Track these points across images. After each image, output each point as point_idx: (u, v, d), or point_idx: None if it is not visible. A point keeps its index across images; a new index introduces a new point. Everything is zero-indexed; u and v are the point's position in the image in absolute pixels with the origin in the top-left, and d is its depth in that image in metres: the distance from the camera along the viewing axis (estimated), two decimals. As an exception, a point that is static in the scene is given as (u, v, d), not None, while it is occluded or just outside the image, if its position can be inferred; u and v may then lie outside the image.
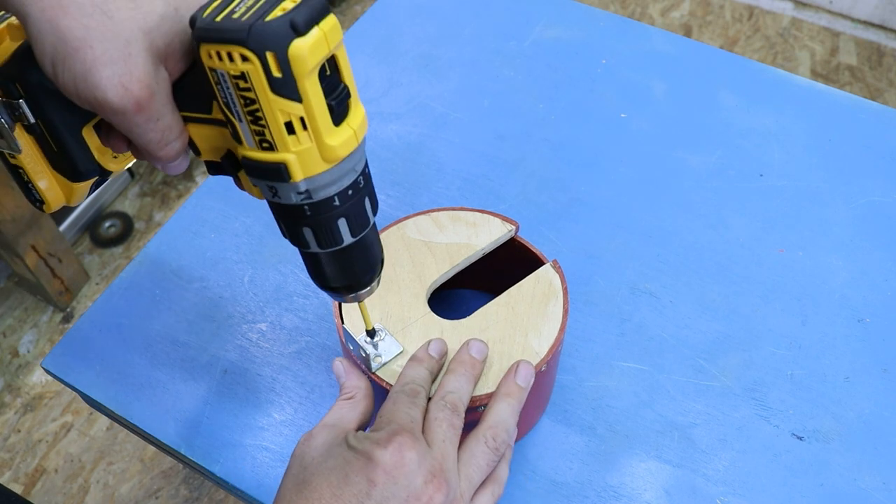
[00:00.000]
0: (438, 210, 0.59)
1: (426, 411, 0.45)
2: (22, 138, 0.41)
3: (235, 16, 0.32)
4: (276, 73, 0.33)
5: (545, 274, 0.55)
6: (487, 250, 0.57)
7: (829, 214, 0.72)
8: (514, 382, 0.48)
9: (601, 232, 0.70)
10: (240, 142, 0.36)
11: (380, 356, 0.50)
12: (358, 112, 0.37)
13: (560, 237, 0.70)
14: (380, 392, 0.49)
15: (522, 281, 0.55)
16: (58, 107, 0.40)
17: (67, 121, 0.41)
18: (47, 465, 1.32)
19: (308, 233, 0.39)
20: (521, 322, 0.53)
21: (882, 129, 0.79)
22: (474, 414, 0.49)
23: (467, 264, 0.57)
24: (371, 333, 0.50)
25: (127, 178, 1.64)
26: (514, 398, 0.48)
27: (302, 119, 0.34)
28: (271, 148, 0.35)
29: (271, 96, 0.33)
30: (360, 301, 0.45)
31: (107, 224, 1.59)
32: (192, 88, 0.37)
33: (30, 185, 0.44)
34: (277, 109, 0.34)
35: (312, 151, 0.35)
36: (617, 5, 2.09)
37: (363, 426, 0.46)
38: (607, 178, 0.75)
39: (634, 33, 0.88)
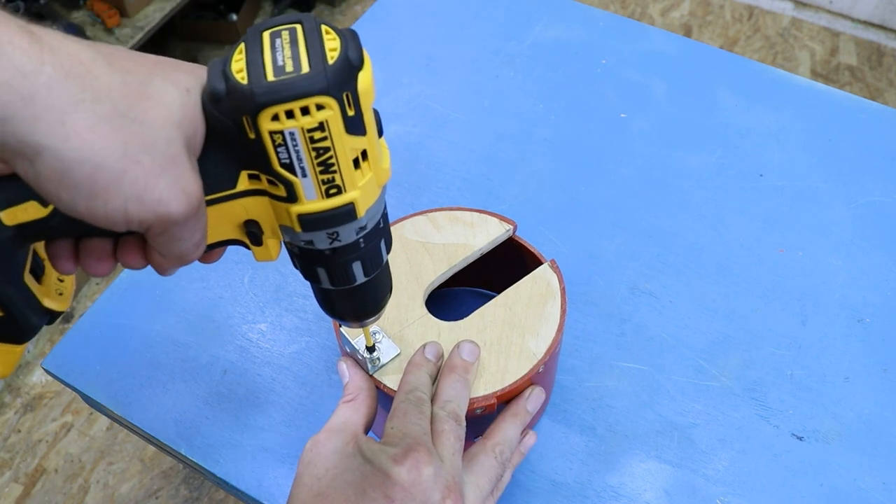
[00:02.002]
0: (436, 210, 0.59)
1: (431, 421, 0.45)
2: None
3: (289, 69, 0.31)
4: (350, 112, 0.32)
5: (543, 274, 0.55)
6: (485, 250, 0.57)
7: (829, 214, 0.72)
8: (524, 407, 0.50)
9: (601, 232, 0.70)
10: (295, 200, 0.34)
11: (377, 359, 0.50)
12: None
13: (560, 237, 0.70)
14: (378, 394, 0.49)
15: (520, 281, 0.55)
16: None
17: (9, 272, 0.35)
18: (47, 465, 1.32)
19: (357, 266, 0.38)
20: (519, 323, 0.53)
21: (882, 129, 0.79)
22: (472, 418, 0.49)
23: (465, 265, 0.56)
24: (371, 349, 0.50)
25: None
26: (520, 419, 0.49)
27: (364, 151, 0.34)
28: (339, 191, 0.34)
29: (345, 137, 0.32)
30: (368, 325, 0.45)
31: (107, 224, 1.59)
32: (210, 170, 0.34)
33: None
34: (349, 148, 0.33)
35: (371, 180, 0.35)
36: (617, 5, 2.09)
37: (368, 428, 0.46)
38: (607, 178, 0.75)
39: (634, 33, 0.88)
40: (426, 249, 0.56)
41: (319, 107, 0.31)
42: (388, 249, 0.40)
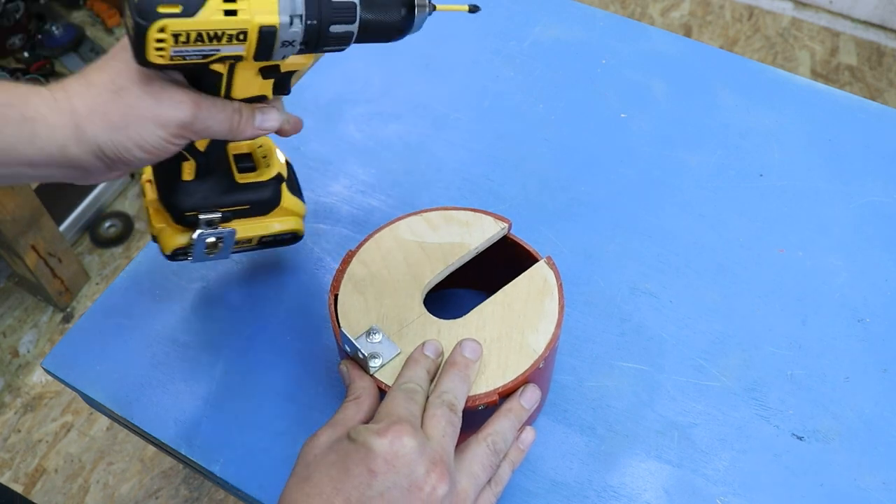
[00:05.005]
0: (431, 210, 0.59)
1: (424, 409, 0.46)
2: None
3: None
4: None
5: (539, 271, 0.55)
6: (481, 249, 0.57)
7: (829, 214, 0.72)
8: (519, 402, 0.50)
9: (601, 232, 0.70)
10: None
11: (377, 358, 0.50)
12: None
13: (560, 237, 0.70)
14: (379, 395, 0.50)
15: (517, 279, 0.55)
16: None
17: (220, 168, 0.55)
18: (47, 465, 1.32)
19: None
20: (518, 320, 0.53)
21: (882, 129, 0.79)
22: (475, 414, 0.49)
23: (461, 263, 0.57)
24: (367, 343, 0.51)
25: (127, 179, 1.64)
26: (515, 415, 0.49)
27: None
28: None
29: None
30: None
31: (107, 224, 1.59)
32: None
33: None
34: None
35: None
36: (617, 5, 2.09)
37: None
38: (607, 178, 0.75)
39: (634, 33, 0.88)
40: (423, 249, 0.56)
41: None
42: None
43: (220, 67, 0.46)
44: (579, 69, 0.84)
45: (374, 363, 0.50)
